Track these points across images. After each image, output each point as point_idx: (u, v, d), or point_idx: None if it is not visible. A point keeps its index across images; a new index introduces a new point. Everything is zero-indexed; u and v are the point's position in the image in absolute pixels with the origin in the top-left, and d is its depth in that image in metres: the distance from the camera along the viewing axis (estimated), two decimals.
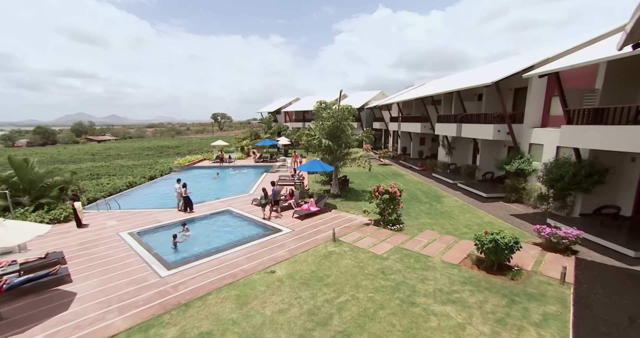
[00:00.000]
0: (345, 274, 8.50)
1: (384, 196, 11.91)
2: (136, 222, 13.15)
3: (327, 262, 9.29)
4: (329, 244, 10.58)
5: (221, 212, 14.62)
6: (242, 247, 10.32)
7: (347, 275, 8.47)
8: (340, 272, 8.61)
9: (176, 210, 14.65)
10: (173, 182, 23.71)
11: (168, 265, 9.05)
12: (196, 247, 10.73)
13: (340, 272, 8.61)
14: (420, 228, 12.00)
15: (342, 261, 9.31)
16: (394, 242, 10.70)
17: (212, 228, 12.73)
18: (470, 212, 14.11)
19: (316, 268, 8.89)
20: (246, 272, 8.63)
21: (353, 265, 9.02)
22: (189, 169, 27.36)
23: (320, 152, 17.06)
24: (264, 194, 13.56)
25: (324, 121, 16.42)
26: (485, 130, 16.33)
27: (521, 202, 14.99)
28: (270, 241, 10.88)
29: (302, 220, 13.12)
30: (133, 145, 63.37)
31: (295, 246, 10.41)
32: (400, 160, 30.81)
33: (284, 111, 53.25)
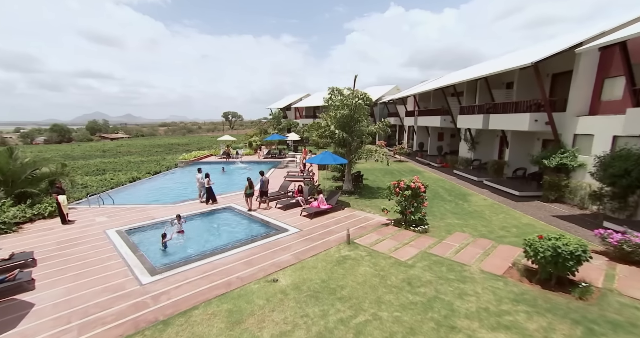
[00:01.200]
0: (363, 285, 6.93)
1: (405, 192, 10.26)
2: (128, 218, 11.88)
3: (340, 269, 7.73)
4: (343, 247, 9.03)
5: (221, 209, 13.23)
6: (241, 249, 8.87)
7: (366, 286, 6.89)
8: (357, 283, 7.04)
9: (198, 202, 14.10)
10: (175, 177, 23.19)
11: (152, 270, 7.66)
12: (189, 248, 9.33)
13: (357, 283, 7.04)
14: (448, 230, 10.31)
15: (358, 268, 7.74)
16: (420, 245, 9.05)
17: (210, 227, 11.34)
18: (503, 212, 12.31)
19: (327, 277, 7.35)
20: (243, 281, 7.16)
21: (372, 274, 7.43)
22: (194, 164, 26.19)
23: (333, 144, 15.49)
24: (248, 184, 12.77)
25: (337, 110, 14.83)
26: (519, 121, 14.40)
27: (563, 201, 13.07)
28: (274, 242, 9.40)
29: (312, 219, 11.60)
30: (144, 142, 64.52)
31: (303, 249, 8.90)
32: (416, 156, 28.94)
33: (294, 107, 51.88)
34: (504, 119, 15.81)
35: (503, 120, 15.88)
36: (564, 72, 14.67)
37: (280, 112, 45.68)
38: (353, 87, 14.53)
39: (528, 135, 17.17)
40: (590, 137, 12.47)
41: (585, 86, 12.88)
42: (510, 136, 17.56)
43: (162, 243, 9.18)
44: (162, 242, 9.18)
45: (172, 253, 9.07)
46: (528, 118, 13.76)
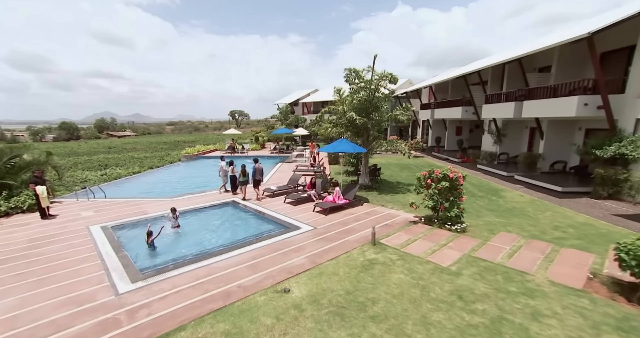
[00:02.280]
0: (400, 299, 5.34)
1: (441, 183, 8.62)
2: (117, 213, 10.46)
3: (368, 276, 6.15)
4: (368, 249, 7.43)
5: (224, 203, 11.74)
6: (244, 250, 7.34)
7: (404, 300, 5.30)
8: (393, 295, 5.45)
9: (218, 192, 13.28)
10: (176, 171, 21.87)
11: (135, 275, 6.17)
12: (183, 248, 7.83)
13: (392, 295, 5.45)
14: (490, 230, 8.63)
15: (391, 276, 6.14)
16: (461, 248, 7.41)
17: (209, 224, 9.83)
18: (549, 209, 10.55)
19: (353, 286, 5.77)
20: (246, 291, 5.62)
21: (410, 284, 5.83)
22: (198, 158, 24.86)
23: (349, 134, 13.87)
24: (241, 171, 12.10)
25: (354, 94, 13.20)
26: (563, 106, 12.52)
27: (619, 198, 11.23)
28: (284, 242, 7.85)
29: (327, 215, 10.02)
30: (150, 140, 64.83)
31: (319, 250, 7.33)
32: (432, 152, 27.16)
33: (302, 102, 50.30)
34: (542, 106, 13.96)
35: (541, 107, 14.03)
36: (617, 49, 12.81)
37: (288, 106, 44.11)
38: (372, 67, 12.87)
39: (567, 125, 15.32)
40: None
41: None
42: (545, 126, 15.70)
43: (147, 242, 7.66)
44: (148, 241, 7.66)
45: (162, 253, 7.58)
46: (576, 102, 11.88)
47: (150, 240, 7.62)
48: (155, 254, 7.53)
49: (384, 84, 12.76)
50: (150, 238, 7.62)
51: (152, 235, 7.68)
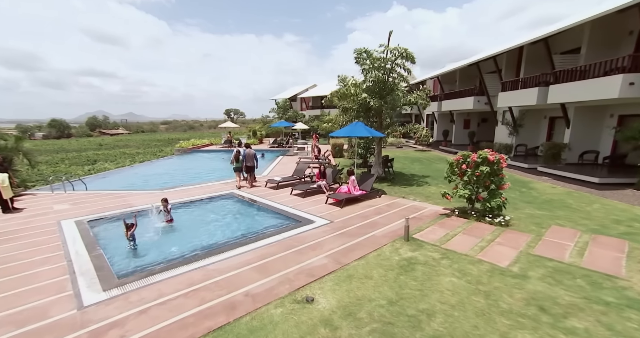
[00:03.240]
0: (462, 310, 3.99)
1: (481, 168, 7.29)
2: (97, 206, 8.99)
3: (410, 280, 4.78)
4: (401, 245, 6.08)
5: (223, 195, 10.30)
6: (250, 248, 5.94)
7: (468, 312, 3.94)
8: (450, 306, 4.10)
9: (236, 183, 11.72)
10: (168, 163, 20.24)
11: (109, 281, 4.74)
12: (175, 246, 6.39)
13: (449, 305, 4.10)
14: (537, 223, 7.32)
15: (440, 280, 4.78)
16: (514, 244, 6.09)
17: (206, 218, 8.40)
18: (594, 201, 9.28)
19: (396, 294, 4.40)
20: (256, 300, 4.23)
21: (468, 290, 4.48)
22: (193, 152, 23.33)
23: (362, 119, 12.49)
24: (234, 157, 11.36)
25: (368, 74, 11.81)
26: (603, 87, 11.12)
27: None
28: (297, 238, 6.46)
29: (342, 208, 8.65)
30: (143, 137, 63.45)
31: (341, 248, 5.96)
32: (439, 146, 25.92)
33: (300, 97, 48.79)
34: (574, 89, 12.65)
35: (573, 91, 12.73)
36: None
37: (287, 101, 42.66)
38: (387, 44, 11.51)
39: (598, 111, 14.13)
40: None
41: None
42: (572, 113, 14.47)
43: (127, 236, 6.17)
44: (127, 234, 6.17)
45: (148, 251, 6.14)
46: (620, 81, 10.56)
47: (130, 233, 6.13)
48: (139, 253, 6.08)
49: (401, 63, 11.36)
50: (129, 231, 6.14)
51: (133, 228, 6.19)
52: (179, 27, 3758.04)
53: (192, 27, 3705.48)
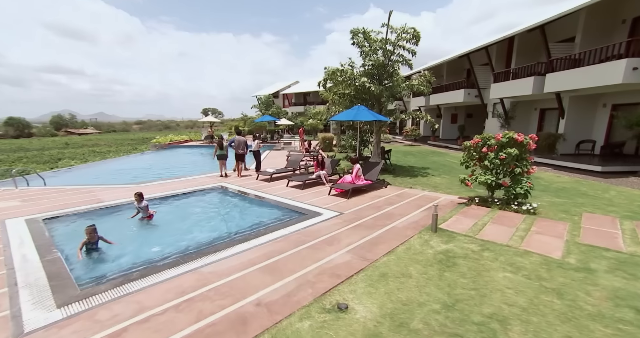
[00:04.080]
0: (540, 314, 3.14)
1: (506, 151, 6.57)
2: (58, 202, 7.55)
3: (458, 277, 3.91)
4: (430, 237, 5.20)
5: (210, 188, 9.08)
6: (252, 245, 4.87)
7: (549, 317, 3.11)
8: (522, 309, 3.24)
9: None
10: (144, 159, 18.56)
11: (65, 293, 3.53)
12: (157, 245, 5.20)
13: (520, 308, 3.25)
14: (564, 211, 6.69)
15: (492, 275, 3.94)
16: (554, 233, 5.37)
17: (193, 213, 7.20)
18: (608, 189, 8.86)
19: (447, 295, 3.50)
20: (273, 311, 3.18)
21: (532, 287, 3.65)
22: (171, 148, 21.63)
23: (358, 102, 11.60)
24: (217, 144, 10.84)
25: (367, 57, 10.93)
26: (606, 72, 10.82)
27: None
28: (306, 232, 5.44)
29: (348, 199, 7.70)
30: (116, 137, 59.82)
31: (362, 241, 5.01)
32: (428, 141, 25.62)
33: (282, 94, 47.54)
34: (573, 76, 12.36)
35: (572, 78, 12.43)
36: None
37: (270, 96, 41.19)
38: (388, 23, 10.66)
39: (591, 101, 14.02)
40: None
41: None
42: (567, 103, 14.30)
43: (83, 246, 4.80)
44: (89, 241, 4.84)
45: (123, 254, 4.90)
46: (624, 66, 10.25)
47: (88, 242, 4.82)
48: (111, 256, 4.83)
49: (403, 44, 10.56)
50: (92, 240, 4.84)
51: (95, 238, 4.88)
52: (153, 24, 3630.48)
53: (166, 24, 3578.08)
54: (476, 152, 7.29)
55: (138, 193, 6.30)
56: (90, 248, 4.82)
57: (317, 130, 28.69)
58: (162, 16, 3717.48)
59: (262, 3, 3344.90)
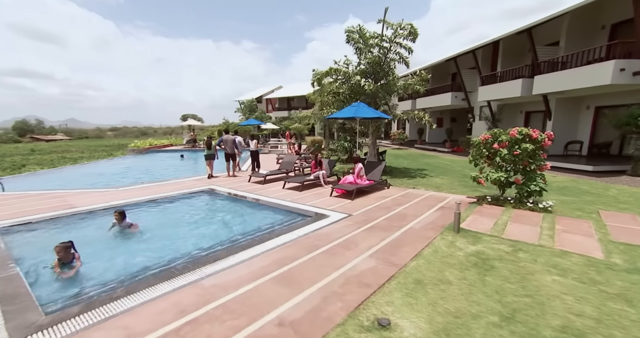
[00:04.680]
0: (619, 326, 2.69)
1: (521, 147, 6.27)
2: (18, 209, 6.52)
3: (503, 282, 3.42)
4: (453, 238, 4.73)
5: (198, 192, 8.28)
6: (257, 251, 4.20)
7: (632, 329, 2.64)
8: (593, 319, 2.78)
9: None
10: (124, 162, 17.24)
11: (24, 319, 2.72)
12: (143, 256, 4.41)
13: (590, 318, 2.79)
14: (578, 209, 6.45)
15: (539, 279, 3.49)
16: (582, 231, 5.04)
17: (183, 218, 6.41)
18: (608, 187, 8.81)
19: (498, 303, 3.00)
20: (301, 333, 2.54)
21: (590, 293, 3.22)
22: (150, 152, 20.38)
23: None
24: (205, 144, 10.58)
25: (362, 54, 10.57)
26: (595, 73, 10.99)
27: None
28: (316, 235, 4.84)
29: (353, 200, 7.15)
30: (88, 143, 56.09)
31: (381, 244, 4.46)
32: (414, 145, 25.64)
33: (265, 98, 46.72)
34: (562, 77, 12.54)
35: (561, 79, 12.61)
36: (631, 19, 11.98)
37: (254, 100, 40.35)
38: (384, 19, 10.34)
39: (576, 103, 14.35)
40: None
41: None
42: (554, 105, 14.54)
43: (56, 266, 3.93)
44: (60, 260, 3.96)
45: (100, 266, 4.08)
46: (612, 67, 10.45)
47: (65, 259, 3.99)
48: (86, 271, 4.01)
49: (400, 41, 10.26)
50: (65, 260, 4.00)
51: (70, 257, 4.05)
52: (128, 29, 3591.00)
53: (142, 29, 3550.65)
54: (486, 148, 6.98)
55: (119, 212, 5.38)
56: (62, 266, 3.97)
57: (303, 135, 28.19)
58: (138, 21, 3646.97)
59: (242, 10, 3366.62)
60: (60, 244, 3.91)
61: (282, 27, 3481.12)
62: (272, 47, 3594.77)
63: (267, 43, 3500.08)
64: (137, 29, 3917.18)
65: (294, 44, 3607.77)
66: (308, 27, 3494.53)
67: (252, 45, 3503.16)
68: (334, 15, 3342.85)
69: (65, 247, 3.92)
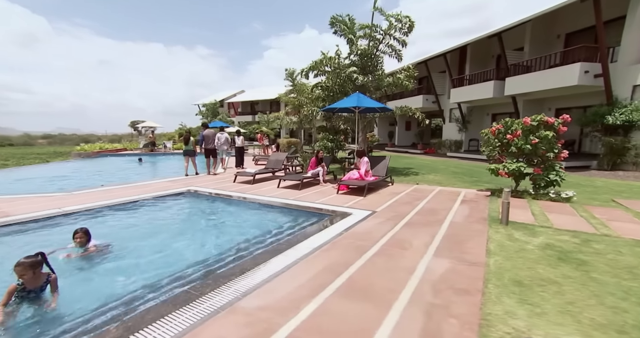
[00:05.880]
0: None
1: (542, 133, 5.99)
2: None
3: (609, 277, 2.87)
4: (508, 230, 4.18)
5: (175, 195, 6.89)
6: (292, 258, 3.20)
7: None
8: None
9: None
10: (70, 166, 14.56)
11: None
12: (125, 276, 3.17)
13: None
14: (591, 198, 6.36)
15: None
16: (625, 219, 4.82)
17: (164, 225, 5.10)
18: (592, 180, 9.18)
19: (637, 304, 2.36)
20: None
21: None
22: (101, 156, 17.78)
23: None
24: (183, 139, 9.90)
25: (351, 45, 9.98)
26: (562, 75, 11.71)
27: (622, 168, 10.65)
28: (353, 235, 3.98)
29: (365, 197, 6.38)
30: (14, 151, 48.07)
31: (436, 240, 3.75)
32: (385, 148, 25.80)
33: (227, 102, 44.64)
34: (532, 79, 13.17)
35: (531, 81, 13.23)
36: (580, 30, 13.52)
37: (217, 103, 38.05)
38: (374, 5, 9.81)
39: (539, 105, 15.23)
40: None
41: (639, 30, 10.91)
42: (522, 106, 15.28)
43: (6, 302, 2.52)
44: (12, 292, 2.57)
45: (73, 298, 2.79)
46: (578, 69, 11.16)
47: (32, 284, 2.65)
48: (58, 303, 2.69)
49: (393, 33, 9.82)
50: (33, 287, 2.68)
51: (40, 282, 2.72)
52: (63, 26, 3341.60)
53: (81, 28, 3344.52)
54: (498, 139, 6.67)
55: (84, 231, 3.73)
56: (26, 295, 2.63)
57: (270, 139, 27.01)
58: (76, 18, 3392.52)
59: (195, 15, 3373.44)
60: (23, 260, 2.59)
61: (238, 34, 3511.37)
62: (228, 54, 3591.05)
63: (222, 49, 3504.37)
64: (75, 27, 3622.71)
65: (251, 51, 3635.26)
66: (265, 35, 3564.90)
67: (207, 51, 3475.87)
68: (290, 25, 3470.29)
69: (32, 265, 2.60)
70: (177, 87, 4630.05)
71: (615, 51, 11.70)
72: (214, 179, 8.88)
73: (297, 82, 19.38)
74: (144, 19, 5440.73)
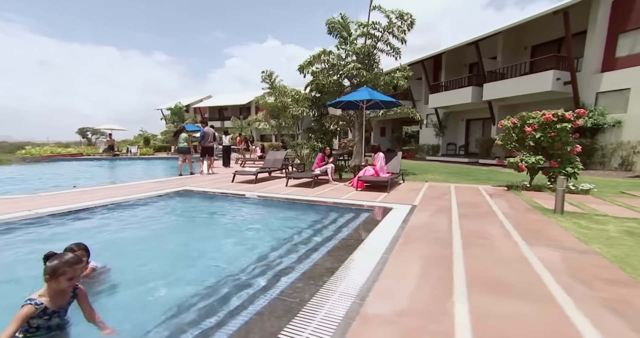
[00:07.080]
0: None
1: (562, 125, 6.02)
2: None
3: None
4: (570, 219, 3.94)
5: (167, 195, 5.91)
6: (372, 256, 2.62)
7: None
8: None
9: None
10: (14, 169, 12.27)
11: None
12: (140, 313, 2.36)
13: None
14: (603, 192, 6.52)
15: None
16: None
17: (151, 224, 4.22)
18: None
19: None
20: None
21: None
22: (52, 161, 15.54)
23: None
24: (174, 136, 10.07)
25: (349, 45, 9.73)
26: (536, 82, 12.60)
27: (588, 168, 11.48)
28: (417, 228, 3.50)
29: (389, 192, 5.95)
30: None
31: (514, 232, 3.37)
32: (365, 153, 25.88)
33: (194, 107, 42.42)
34: (510, 84, 13.94)
35: (509, 87, 14.00)
36: (544, 43, 14.65)
37: (183, 106, 35.79)
38: (369, 12, 9.68)
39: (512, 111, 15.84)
40: (623, 93, 11.42)
41: (599, 43, 12.00)
42: (497, 111, 16.06)
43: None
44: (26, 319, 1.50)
45: None
46: (551, 77, 12.05)
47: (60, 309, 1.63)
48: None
49: (393, 31, 9.69)
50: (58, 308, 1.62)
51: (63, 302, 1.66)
52: None
53: (15, 24, 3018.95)
54: (515, 133, 6.66)
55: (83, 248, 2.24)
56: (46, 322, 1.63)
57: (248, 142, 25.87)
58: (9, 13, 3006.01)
59: (152, 20, 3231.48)
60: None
61: (199, 42, 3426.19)
62: (188, 61, 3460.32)
63: (182, 56, 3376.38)
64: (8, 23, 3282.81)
65: (212, 60, 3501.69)
66: (227, 43, 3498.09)
67: (165, 57, 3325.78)
68: (253, 35, 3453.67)
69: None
70: (132, 94, 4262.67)
71: (579, 62, 12.71)
72: (212, 179, 7.96)
73: (276, 84, 18.76)
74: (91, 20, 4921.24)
